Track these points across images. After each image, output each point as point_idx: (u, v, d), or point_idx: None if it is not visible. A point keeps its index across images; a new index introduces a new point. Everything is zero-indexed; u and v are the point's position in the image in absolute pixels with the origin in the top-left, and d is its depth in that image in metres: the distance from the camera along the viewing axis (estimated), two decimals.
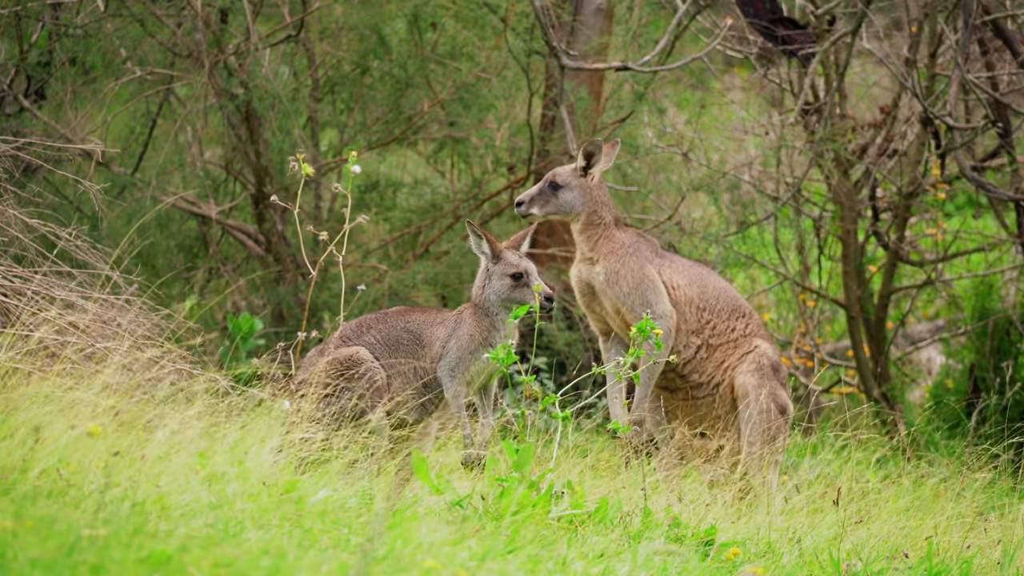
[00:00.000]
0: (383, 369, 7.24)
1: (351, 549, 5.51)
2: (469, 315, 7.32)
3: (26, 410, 6.15)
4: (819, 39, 11.33)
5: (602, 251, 8.29)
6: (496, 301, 7.30)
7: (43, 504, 5.32)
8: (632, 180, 12.78)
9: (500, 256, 7.35)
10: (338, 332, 7.28)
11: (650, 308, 8.22)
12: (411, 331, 7.34)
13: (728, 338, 8.43)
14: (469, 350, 7.25)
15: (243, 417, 6.84)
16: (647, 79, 11.66)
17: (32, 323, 7.27)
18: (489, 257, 7.36)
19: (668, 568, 6.12)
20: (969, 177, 10.89)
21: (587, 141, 8.30)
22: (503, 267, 7.33)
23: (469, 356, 7.25)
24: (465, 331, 7.27)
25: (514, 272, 7.30)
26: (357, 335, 7.30)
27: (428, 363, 7.29)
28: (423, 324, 7.35)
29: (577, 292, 8.40)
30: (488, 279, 7.34)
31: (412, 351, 7.32)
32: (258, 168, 11.48)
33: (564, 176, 8.32)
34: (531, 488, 6.36)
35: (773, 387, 8.36)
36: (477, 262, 12.19)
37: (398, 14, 11.86)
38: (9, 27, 10.87)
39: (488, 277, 7.35)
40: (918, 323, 14.25)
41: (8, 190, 8.38)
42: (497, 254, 7.35)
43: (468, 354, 7.25)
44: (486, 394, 7.32)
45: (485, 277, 7.36)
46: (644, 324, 6.78)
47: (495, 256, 7.35)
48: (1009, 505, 8.59)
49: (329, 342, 7.30)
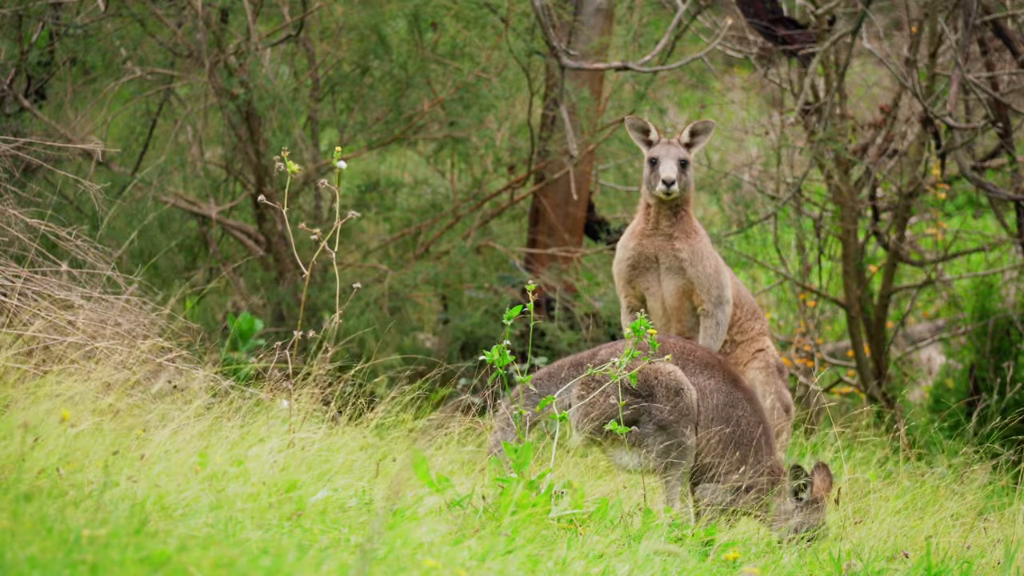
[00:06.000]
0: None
1: (351, 549, 5.51)
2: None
3: (25, 409, 6.15)
4: (819, 39, 11.33)
5: (684, 229, 8.24)
6: None
7: (42, 503, 5.32)
8: (633, 180, 12.78)
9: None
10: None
11: (722, 292, 8.23)
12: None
13: (747, 336, 8.46)
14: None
15: (243, 417, 6.84)
16: (647, 79, 11.66)
17: (32, 323, 7.27)
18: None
19: (668, 568, 6.11)
20: (969, 177, 10.88)
21: (700, 121, 8.23)
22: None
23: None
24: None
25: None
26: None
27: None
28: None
29: (627, 264, 8.32)
30: None
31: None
32: (258, 168, 11.48)
33: (686, 155, 8.23)
34: (531, 488, 6.35)
35: (779, 386, 8.39)
36: (477, 263, 12.23)
37: (398, 14, 11.86)
38: (9, 27, 10.87)
39: None
40: (918, 323, 14.25)
41: (8, 190, 8.38)
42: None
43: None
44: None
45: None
46: (638, 324, 6.76)
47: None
48: (1009, 505, 8.59)
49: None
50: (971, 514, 8.09)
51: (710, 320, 8.27)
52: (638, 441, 7.11)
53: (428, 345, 12.32)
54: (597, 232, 12.36)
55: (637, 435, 7.10)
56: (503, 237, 12.42)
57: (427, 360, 11.38)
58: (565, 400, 7.18)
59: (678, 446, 7.09)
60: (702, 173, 12.20)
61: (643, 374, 7.10)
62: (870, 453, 9.48)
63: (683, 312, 8.31)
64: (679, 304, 8.27)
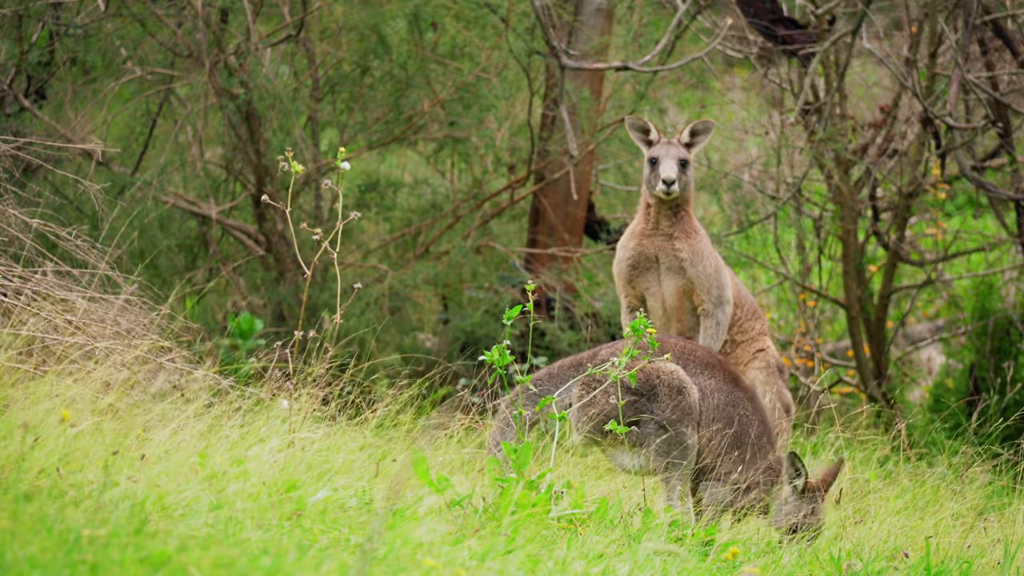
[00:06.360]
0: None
1: (351, 549, 5.51)
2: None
3: (25, 409, 6.14)
4: (819, 39, 11.33)
5: (684, 229, 8.24)
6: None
7: (42, 503, 5.32)
8: (633, 180, 12.78)
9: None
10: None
11: (722, 291, 8.23)
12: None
13: (747, 336, 8.46)
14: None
15: (243, 416, 6.84)
16: (647, 79, 11.66)
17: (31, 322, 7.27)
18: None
19: (668, 568, 6.11)
20: (969, 177, 10.88)
21: (700, 121, 8.22)
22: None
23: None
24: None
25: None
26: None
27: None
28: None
29: (627, 264, 8.32)
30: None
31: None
32: (258, 168, 11.47)
33: (687, 154, 8.21)
34: (530, 488, 6.35)
35: (779, 386, 8.39)
36: (477, 263, 12.23)
37: (398, 14, 11.86)
38: (9, 27, 10.87)
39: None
40: (918, 323, 14.25)
41: (8, 190, 8.38)
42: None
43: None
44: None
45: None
46: (637, 324, 6.76)
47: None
48: (1009, 505, 8.59)
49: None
50: (971, 514, 8.09)
51: (710, 320, 8.27)
52: (639, 441, 7.10)
53: (428, 345, 12.31)
54: (597, 232, 12.37)
55: (638, 435, 7.09)
56: (503, 237, 12.42)
57: (427, 360, 11.38)
58: (565, 400, 7.17)
59: (679, 446, 7.09)
60: (702, 173, 12.20)
61: (645, 373, 7.09)
62: (870, 453, 9.48)
63: (683, 312, 8.30)
64: (679, 304, 8.27)
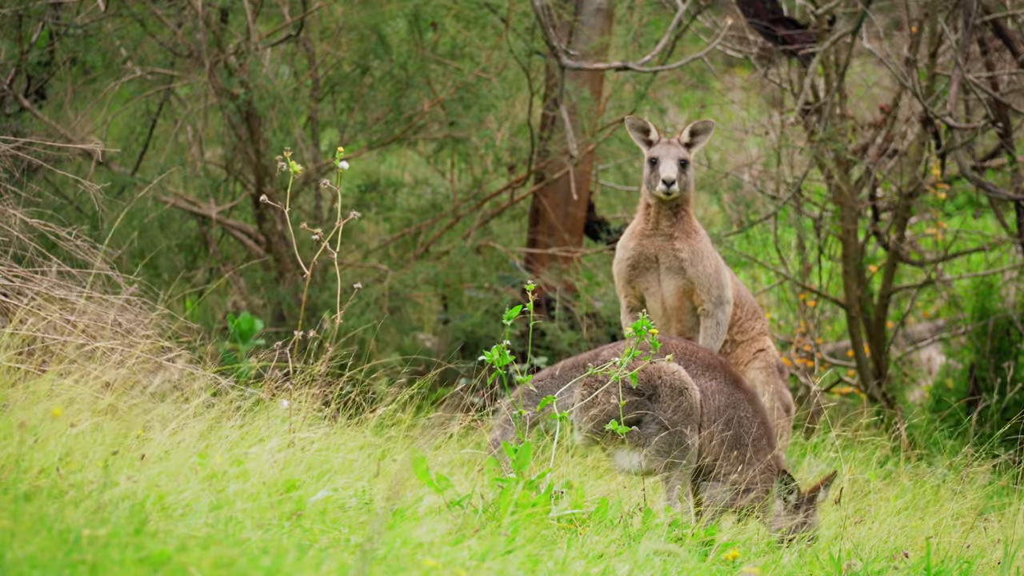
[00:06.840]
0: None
1: (351, 549, 5.51)
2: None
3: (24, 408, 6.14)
4: (819, 39, 11.33)
5: (684, 229, 8.24)
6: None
7: (41, 503, 5.32)
8: (633, 180, 12.77)
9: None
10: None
11: (722, 291, 8.22)
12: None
13: (747, 336, 8.46)
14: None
15: (243, 416, 6.84)
16: (648, 79, 11.66)
17: (31, 322, 7.27)
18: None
19: (668, 568, 6.11)
20: (969, 177, 10.88)
21: (700, 121, 8.22)
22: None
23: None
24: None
25: None
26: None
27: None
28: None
29: (627, 264, 8.31)
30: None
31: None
32: (258, 168, 11.47)
33: (686, 154, 8.21)
34: (530, 488, 6.35)
35: (779, 386, 8.39)
36: (477, 263, 12.23)
37: (398, 14, 11.86)
38: (9, 27, 10.87)
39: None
40: (918, 323, 14.25)
41: (8, 190, 8.38)
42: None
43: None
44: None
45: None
46: (640, 324, 6.75)
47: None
48: (1009, 505, 8.58)
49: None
50: (971, 514, 8.09)
51: (710, 320, 8.27)
52: (640, 441, 7.10)
53: (428, 345, 12.31)
54: (597, 232, 12.36)
55: (639, 435, 7.09)
56: (503, 237, 12.42)
57: (427, 360, 11.38)
58: (566, 400, 7.17)
59: (680, 446, 7.09)
60: (702, 173, 12.20)
61: (646, 374, 7.09)
62: (870, 453, 9.47)
63: (683, 312, 8.30)
64: (679, 304, 8.27)
